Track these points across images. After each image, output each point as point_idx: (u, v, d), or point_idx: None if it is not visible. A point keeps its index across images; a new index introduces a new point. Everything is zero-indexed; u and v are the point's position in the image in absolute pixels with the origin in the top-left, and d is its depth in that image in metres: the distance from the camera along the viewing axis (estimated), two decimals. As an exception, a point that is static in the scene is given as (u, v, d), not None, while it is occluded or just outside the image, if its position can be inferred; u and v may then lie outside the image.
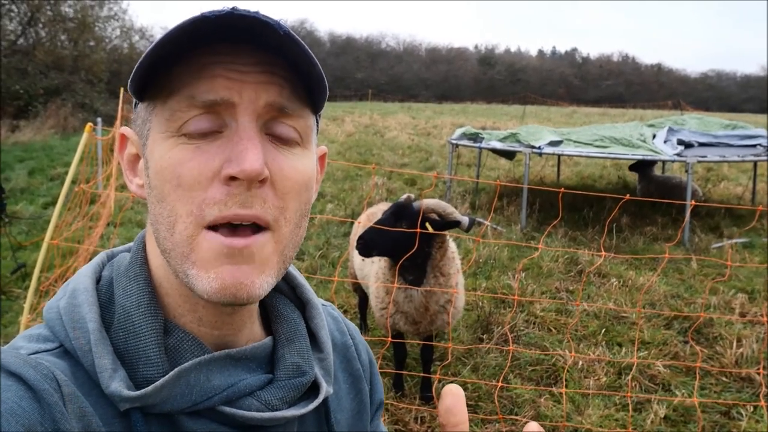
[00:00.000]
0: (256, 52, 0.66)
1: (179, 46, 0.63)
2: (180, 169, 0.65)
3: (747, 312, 5.26)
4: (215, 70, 0.65)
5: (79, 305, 0.70)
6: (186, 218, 0.65)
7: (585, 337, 4.80)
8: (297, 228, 0.71)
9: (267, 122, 0.68)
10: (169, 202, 0.66)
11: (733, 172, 13.40)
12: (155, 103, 0.68)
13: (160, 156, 0.67)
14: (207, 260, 0.65)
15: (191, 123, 0.65)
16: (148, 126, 0.69)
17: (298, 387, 0.75)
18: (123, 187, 9.31)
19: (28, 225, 7.76)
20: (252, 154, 0.63)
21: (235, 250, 0.64)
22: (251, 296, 0.66)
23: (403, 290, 3.58)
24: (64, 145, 15.47)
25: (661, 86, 67.62)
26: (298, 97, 0.69)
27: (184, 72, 0.65)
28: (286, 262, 0.71)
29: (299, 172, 0.69)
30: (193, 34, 0.62)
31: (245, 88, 0.65)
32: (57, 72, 21.76)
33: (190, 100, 0.65)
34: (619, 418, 3.68)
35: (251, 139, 0.65)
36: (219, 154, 0.65)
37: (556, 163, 12.28)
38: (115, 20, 27.24)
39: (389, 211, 3.56)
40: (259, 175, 0.63)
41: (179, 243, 0.66)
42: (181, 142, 0.66)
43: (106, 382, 0.64)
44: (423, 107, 39.12)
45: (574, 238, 7.59)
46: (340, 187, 10.49)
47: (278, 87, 0.67)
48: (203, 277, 0.65)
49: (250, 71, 0.66)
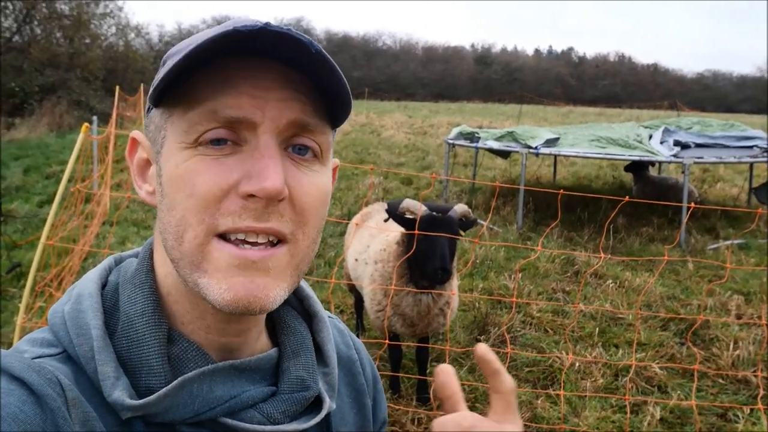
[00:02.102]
0: (281, 67, 0.65)
1: (205, 57, 0.63)
2: (195, 179, 0.64)
3: (743, 314, 5.27)
4: (240, 85, 0.64)
5: (83, 311, 0.70)
6: (197, 227, 0.64)
7: (582, 339, 4.81)
8: (313, 243, 0.71)
9: (288, 138, 0.67)
10: (179, 211, 0.65)
11: (729, 173, 13.43)
12: (172, 111, 0.67)
13: (176, 165, 0.66)
14: (219, 270, 0.64)
15: (207, 134, 0.65)
16: (163, 134, 0.68)
17: (301, 401, 0.74)
18: (118, 186, 9.29)
19: (24, 224, 7.73)
20: (273, 173, 0.63)
21: (248, 261, 0.64)
22: (264, 308, 0.65)
23: (413, 295, 3.59)
24: (59, 142, 15.42)
25: (657, 86, 67.84)
26: (319, 114, 0.68)
27: (208, 84, 0.64)
28: (300, 275, 0.71)
29: (318, 189, 0.69)
30: (222, 45, 0.61)
31: (268, 107, 0.64)
32: (52, 69, 21.71)
33: (212, 114, 0.64)
34: (615, 419, 3.68)
35: (272, 157, 0.64)
36: (238, 169, 0.64)
37: (553, 163, 12.30)
38: (111, 18, 27.22)
39: (441, 230, 3.45)
40: (280, 194, 0.63)
41: (188, 252, 0.65)
42: (198, 153, 0.65)
43: (109, 390, 0.64)
44: (419, 106, 39.18)
45: (570, 239, 7.60)
46: (337, 186, 10.46)
47: (301, 104, 0.66)
48: (215, 287, 0.64)
49: (274, 87, 0.65)
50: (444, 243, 3.41)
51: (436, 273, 3.39)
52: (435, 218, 3.47)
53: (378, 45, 69.66)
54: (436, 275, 3.41)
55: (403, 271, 3.60)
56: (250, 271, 0.64)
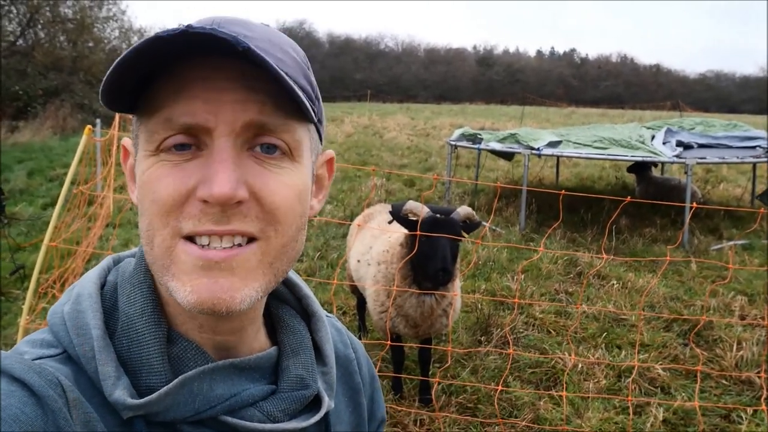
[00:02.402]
0: (238, 64, 0.64)
1: (152, 63, 0.62)
2: (156, 185, 0.65)
3: (747, 314, 5.26)
4: (193, 89, 0.63)
5: (83, 311, 0.70)
6: (163, 230, 0.65)
7: (584, 340, 4.80)
8: (292, 242, 0.70)
9: (250, 138, 0.66)
10: (147, 216, 0.66)
11: (732, 173, 13.40)
12: (141, 118, 0.68)
13: (142, 172, 0.67)
14: (184, 272, 0.65)
15: (168, 140, 0.65)
16: (137, 141, 0.69)
17: (300, 399, 0.75)
18: (121, 189, 9.30)
19: (27, 226, 7.75)
20: (221, 178, 0.62)
21: (211, 262, 0.64)
22: (231, 310, 0.65)
23: (417, 296, 3.59)
24: (63, 145, 15.46)
25: (659, 87, 67.72)
26: (283, 111, 0.66)
27: (165, 90, 0.64)
28: (278, 275, 0.70)
29: (288, 187, 0.68)
30: (162, 50, 0.60)
31: (222, 110, 0.64)
32: (56, 73, 21.74)
33: (168, 122, 0.64)
34: (618, 421, 3.67)
35: (223, 161, 0.63)
36: (195, 174, 0.64)
37: (555, 164, 12.28)
38: (114, 21, 27.19)
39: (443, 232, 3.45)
40: (230, 198, 0.62)
41: (159, 255, 0.66)
42: (160, 159, 0.65)
43: (110, 390, 0.65)
44: (422, 108, 39.16)
45: (572, 240, 7.58)
46: (339, 188, 10.48)
47: (259, 104, 0.65)
48: (181, 290, 0.65)
49: (228, 88, 0.64)
50: (445, 244, 3.41)
51: (437, 274, 3.40)
52: (437, 220, 3.48)
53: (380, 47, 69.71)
54: (436, 276, 3.41)
55: (407, 273, 3.60)
56: (213, 272, 0.64)
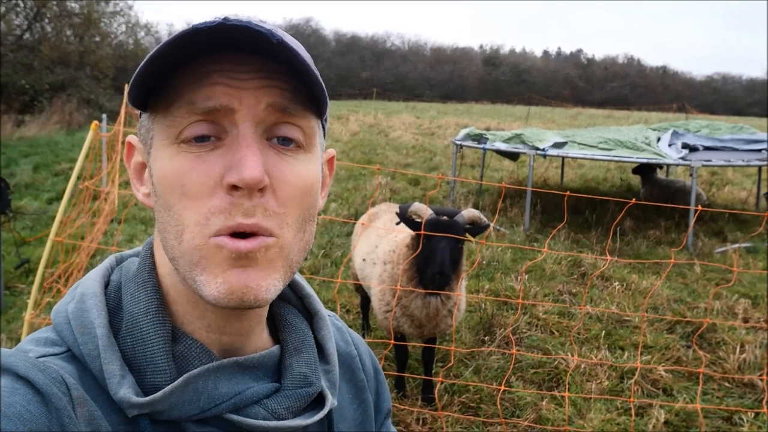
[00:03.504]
0: (255, 59, 0.66)
1: (178, 57, 0.63)
2: (184, 179, 0.65)
3: (750, 317, 5.25)
4: (215, 77, 0.65)
5: (87, 310, 0.70)
6: (194, 228, 0.65)
7: (587, 341, 4.80)
8: (301, 233, 0.70)
9: (270, 127, 0.67)
10: (176, 211, 0.66)
11: (737, 176, 13.36)
12: (157, 112, 0.69)
13: (162, 164, 0.67)
14: (216, 265, 0.65)
15: (189, 129, 0.65)
16: (151, 134, 0.70)
17: (304, 397, 0.75)
18: (126, 184, 9.32)
19: (33, 220, 7.78)
20: (251, 162, 0.63)
21: (241, 253, 0.64)
22: (258, 299, 0.65)
23: (422, 297, 3.60)
24: (69, 140, 15.50)
25: (666, 89, 67.45)
26: (300, 101, 0.68)
27: (185, 81, 0.66)
28: (293, 266, 0.71)
29: (301, 178, 0.69)
30: (190, 45, 0.62)
31: (245, 95, 0.65)
32: (62, 67, 21.81)
33: (190, 106, 0.65)
34: (620, 422, 3.67)
35: (250, 146, 0.64)
36: (220, 163, 0.65)
37: (560, 165, 12.27)
38: (121, 16, 27.26)
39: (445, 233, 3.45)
40: (259, 182, 0.63)
41: (188, 251, 0.66)
42: (182, 150, 0.66)
43: (115, 389, 0.65)
44: (427, 107, 39.06)
45: (577, 241, 7.58)
46: (344, 186, 10.49)
47: (279, 90, 0.67)
48: (211, 282, 0.65)
49: (250, 77, 0.66)
50: (445, 247, 3.42)
51: (434, 277, 3.42)
52: (439, 222, 3.49)
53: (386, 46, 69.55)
54: (434, 279, 3.43)
55: (413, 274, 3.61)
56: (242, 262, 0.65)
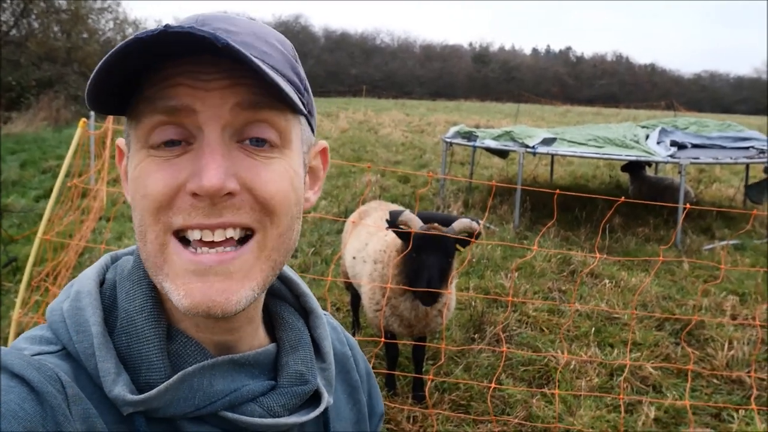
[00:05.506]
0: (222, 61, 0.64)
1: (141, 63, 0.62)
2: (147, 180, 0.65)
3: (738, 314, 5.29)
4: (179, 79, 0.64)
5: (82, 308, 0.70)
6: (154, 226, 0.65)
7: (577, 338, 4.82)
8: (288, 231, 0.70)
9: (239, 129, 0.66)
10: (139, 212, 0.66)
11: (725, 173, 13.46)
12: (131, 117, 0.68)
13: (133, 167, 0.67)
14: (178, 275, 0.65)
15: (155, 134, 0.65)
16: (130, 139, 0.70)
17: (300, 395, 0.75)
18: (115, 182, 9.27)
19: (20, 218, 7.71)
20: (211, 169, 0.62)
21: (203, 267, 0.64)
22: (226, 312, 0.65)
23: (411, 299, 3.58)
24: (56, 137, 15.38)
25: (654, 86, 67.92)
26: (272, 96, 0.66)
27: (151, 84, 0.65)
28: (275, 267, 0.70)
29: (280, 175, 0.68)
30: (146, 51, 0.60)
31: (208, 96, 0.64)
32: (50, 64, 21.63)
33: (152, 105, 0.64)
34: (610, 419, 3.69)
35: (213, 152, 0.63)
36: (186, 168, 0.64)
37: (550, 162, 12.31)
38: (109, 12, 27.08)
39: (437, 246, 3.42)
40: (220, 190, 0.62)
41: (152, 252, 0.66)
42: (151, 154, 0.65)
43: (110, 386, 0.65)
44: (417, 104, 39.11)
45: (566, 238, 7.61)
46: (334, 183, 10.47)
47: (246, 87, 0.64)
48: (174, 293, 0.65)
49: (214, 78, 0.64)
50: (434, 264, 3.36)
51: (423, 297, 3.36)
52: (426, 237, 3.42)
53: (376, 43, 69.55)
54: (422, 298, 3.37)
55: (402, 280, 3.60)
56: (207, 276, 0.64)
